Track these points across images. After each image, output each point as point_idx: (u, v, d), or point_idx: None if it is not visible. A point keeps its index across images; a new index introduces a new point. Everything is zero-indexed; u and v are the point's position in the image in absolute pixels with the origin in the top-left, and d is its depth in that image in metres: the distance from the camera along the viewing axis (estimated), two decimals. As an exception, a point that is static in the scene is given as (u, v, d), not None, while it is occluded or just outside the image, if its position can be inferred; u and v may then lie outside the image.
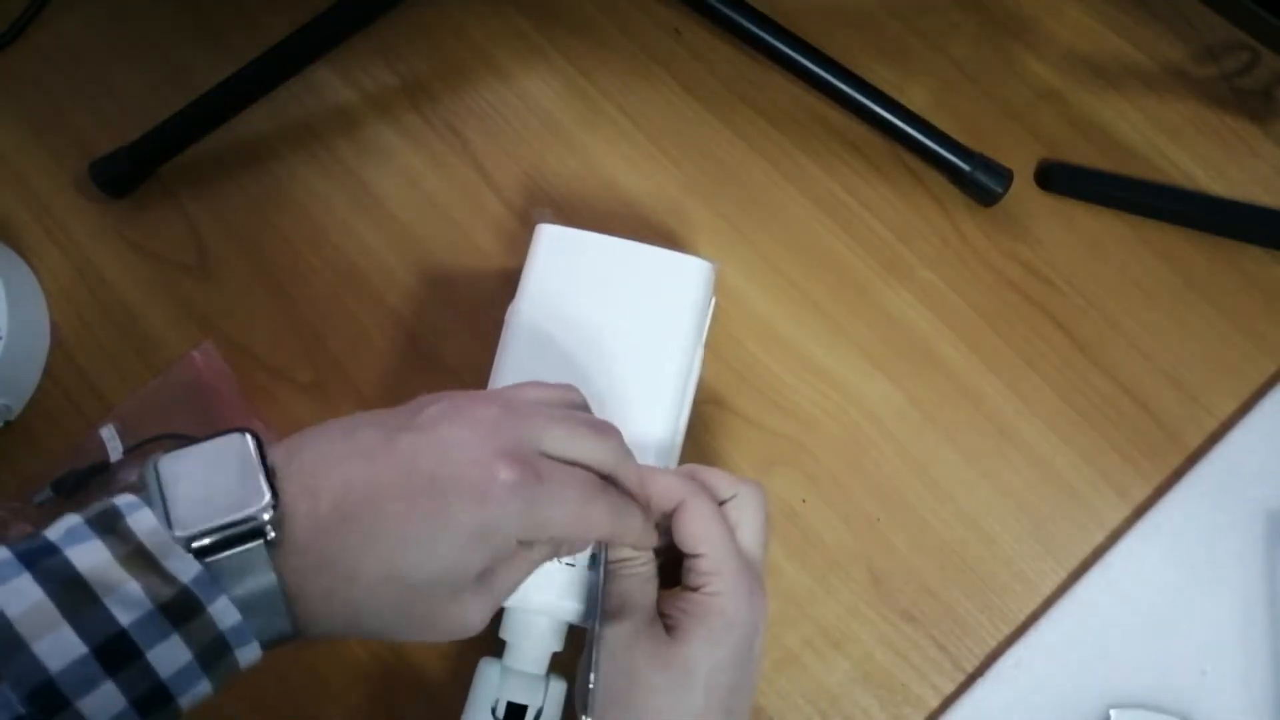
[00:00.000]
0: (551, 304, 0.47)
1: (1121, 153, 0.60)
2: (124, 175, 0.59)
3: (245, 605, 0.30)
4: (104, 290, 0.58)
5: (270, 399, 0.56)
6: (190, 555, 0.29)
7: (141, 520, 0.29)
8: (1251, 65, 0.61)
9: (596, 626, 0.37)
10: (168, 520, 0.29)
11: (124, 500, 0.30)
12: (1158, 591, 0.51)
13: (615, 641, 0.36)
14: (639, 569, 0.38)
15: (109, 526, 0.29)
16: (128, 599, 0.28)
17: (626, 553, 0.38)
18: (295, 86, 0.61)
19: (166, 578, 0.28)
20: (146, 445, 0.54)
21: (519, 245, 0.48)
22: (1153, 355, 0.56)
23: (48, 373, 0.57)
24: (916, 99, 0.59)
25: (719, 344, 0.56)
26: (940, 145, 0.57)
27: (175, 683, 0.29)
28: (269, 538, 0.30)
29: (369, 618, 0.32)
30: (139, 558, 0.29)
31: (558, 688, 0.45)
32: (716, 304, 0.52)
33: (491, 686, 0.44)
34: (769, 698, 0.50)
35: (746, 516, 0.39)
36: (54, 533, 0.29)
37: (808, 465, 0.54)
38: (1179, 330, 0.56)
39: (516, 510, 0.32)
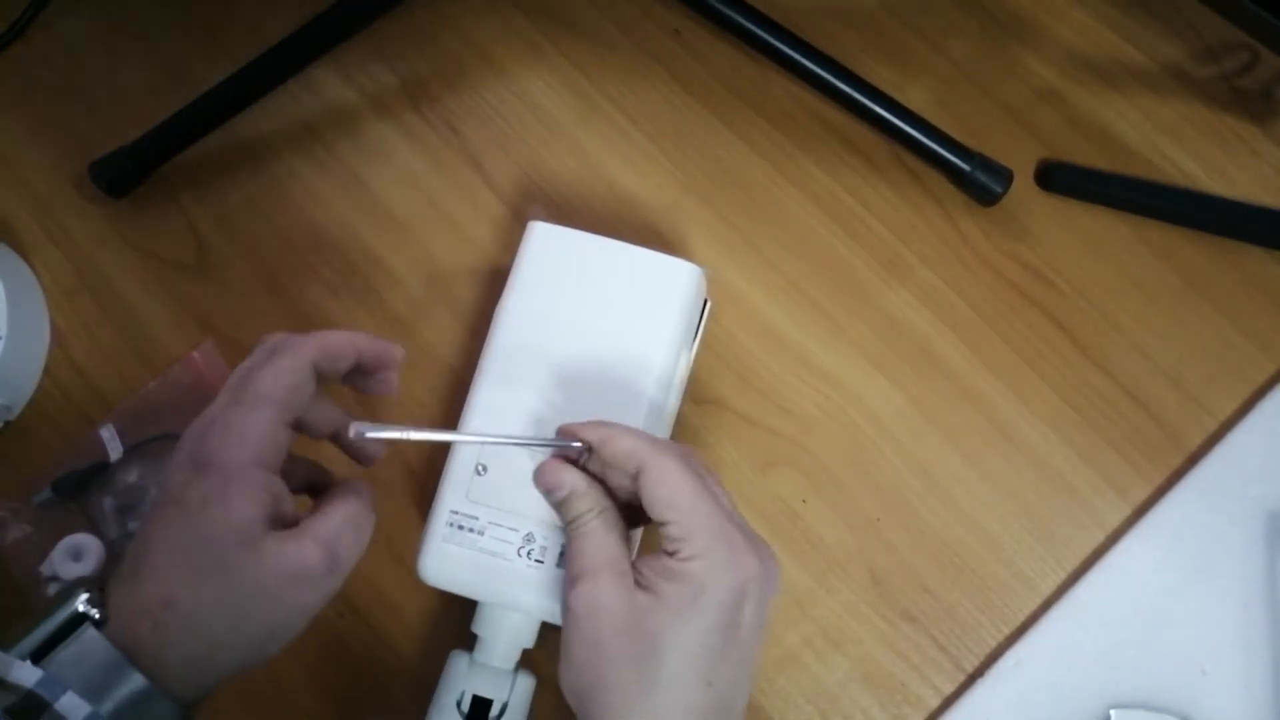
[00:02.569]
0: (539, 301, 0.47)
1: (1121, 153, 0.60)
2: (124, 175, 0.59)
3: (93, 688, 0.31)
4: (104, 290, 0.58)
5: (270, 399, 0.56)
6: (28, 663, 0.31)
7: None
8: (1251, 65, 0.61)
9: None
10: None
11: None
12: (1158, 591, 0.51)
13: (579, 607, 0.35)
14: (590, 523, 0.37)
15: None
16: None
17: (579, 508, 0.37)
18: (295, 86, 0.61)
19: (10, 688, 0.30)
20: (146, 445, 0.54)
21: (518, 241, 0.48)
22: (1153, 355, 0.56)
23: (48, 373, 0.57)
24: (916, 99, 0.59)
25: (719, 344, 0.56)
26: (940, 145, 0.57)
27: None
28: (94, 616, 0.32)
29: (209, 614, 0.33)
30: None
31: (525, 683, 0.46)
32: (712, 307, 0.52)
33: (459, 679, 0.45)
34: (769, 698, 0.50)
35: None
36: None
37: (808, 465, 0.54)
38: (1179, 330, 0.56)
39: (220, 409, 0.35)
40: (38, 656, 0.31)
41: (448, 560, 0.44)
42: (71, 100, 0.62)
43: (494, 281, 0.57)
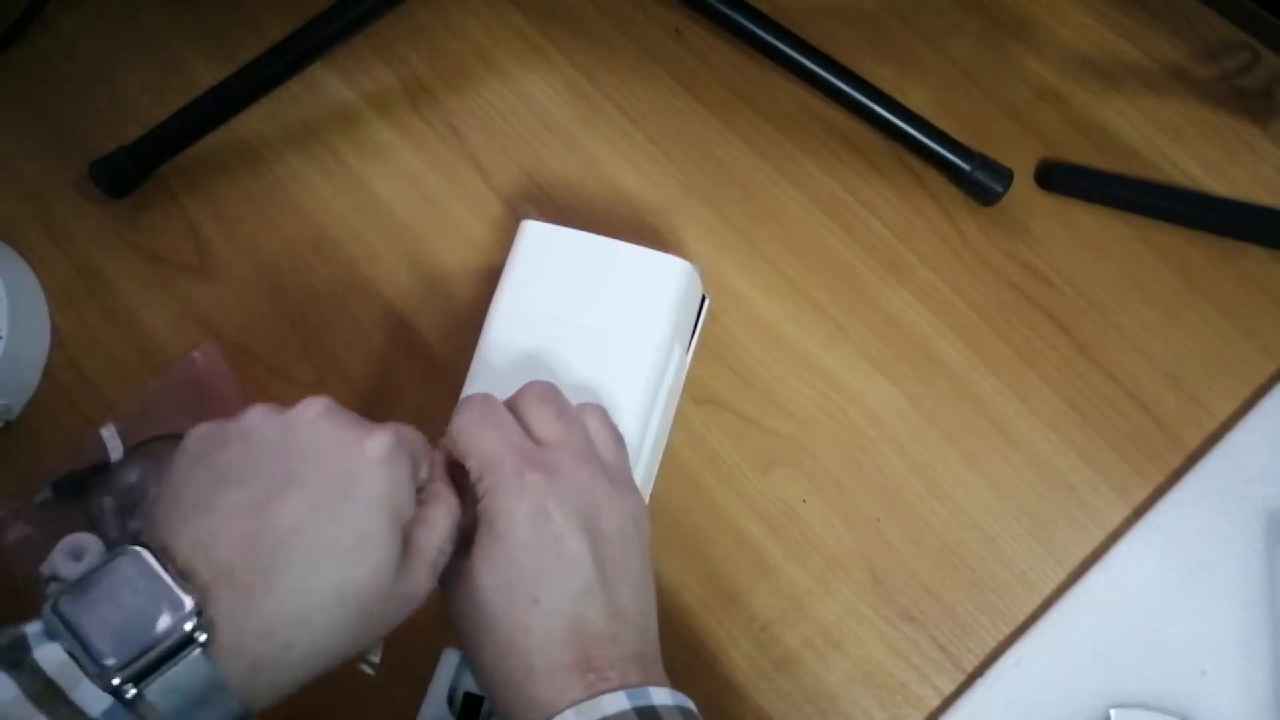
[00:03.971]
0: (532, 300, 0.47)
1: (1121, 153, 0.60)
2: (124, 175, 0.59)
3: (179, 715, 0.28)
4: (104, 290, 0.58)
5: (270, 399, 0.56)
6: (97, 688, 0.28)
7: (47, 654, 0.28)
8: (1251, 65, 0.61)
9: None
10: (89, 654, 0.28)
11: (32, 630, 0.29)
12: (1158, 591, 0.51)
13: (446, 586, 0.36)
14: (438, 519, 0.36)
15: (16, 661, 0.28)
16: None
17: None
18: (295, 86, 0.61)
19: (76, 711, 0.27)
20: (146, 445, 0.54)
21: (524, 215, 0.48)
22: (1153, 355, 0.56)
23: (48, 373, 0.57)
24: (916, 99, 0.59)
25: (719, 344, 0.56)
26: (940, 145, 0.57)
27: None
28: (200, 640, 0.29)
29: (323, 650, 0.32)
30: (49, 692, 0.27)
31: None
32: (711, 305, 0.52)
33: (451, 677, 0.45)
34: (769, 698, 0.50)
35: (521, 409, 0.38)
36: None
37: (808, 465, 0.54)
38: (1179, 330, 0.56)
39: (390, 466, 0.33)
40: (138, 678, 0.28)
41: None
42: (71, 100, 0.62)
43: (494, 281, 0.57)
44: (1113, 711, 0.49)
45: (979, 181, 0.57)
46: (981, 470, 0.54)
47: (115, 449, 0.54)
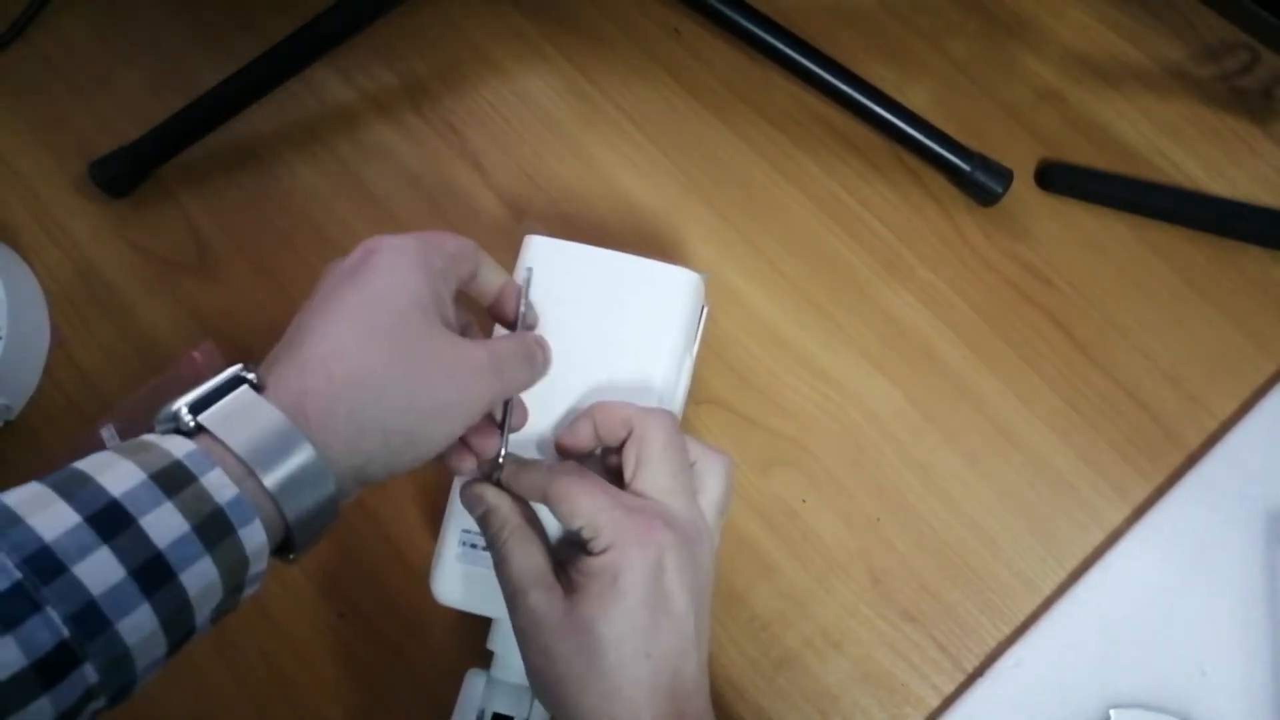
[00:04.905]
0: (540, 315, 0.46)
1: (1121, 153, 0.60)
2: (124, 175, 0.59)
3: (259, 458, 0.30)
4: (104, 290, 0.58)
5: (270, 399, 0.56)
6: (180, 437, 0.31)
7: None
8: (1251, 65, 0.61)
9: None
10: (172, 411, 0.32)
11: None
12: (1158, 591, 0.51)
13: (521, 624, 0.37)
14: (508, 542, 0.38)
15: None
16: (123, 474, 0.29)
17: (495, 524, 0.39)
18: (295, 86, 0.61)
19: (161, 453, 0.30)
20: (146, 445, 0.54)
21: (517, 244, 0.48)
22: (1153, 355, 0.56)
23: (48, 373, 0.57)
24: (916, 99, 0.59)
25: (719, 345, 0.56)
26: (940, 145, 0.57)
27: (173, 554, 0.28)
28: (251, 379, 0.32)
29: (402, 395, 0.34)
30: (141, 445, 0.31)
31: None
32: (709, 311, 0.52)
33: (478, 697, 0.45)
34: (769, 698, 0.50)
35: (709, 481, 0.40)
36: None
37: (808, 465, 0.54)
38: (1179, 330, 0.56)
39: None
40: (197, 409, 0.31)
41: (461, 579, 0.44)
42: (71, 100, 0.62)
43: (494, 281, 0.57)
44: (1113, 712, 0.49)
45: (979, 182, 0.57)
46: (981, 470, 0.54)
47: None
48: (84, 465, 0.30)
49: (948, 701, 0.50)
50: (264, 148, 0.61)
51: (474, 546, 0.44)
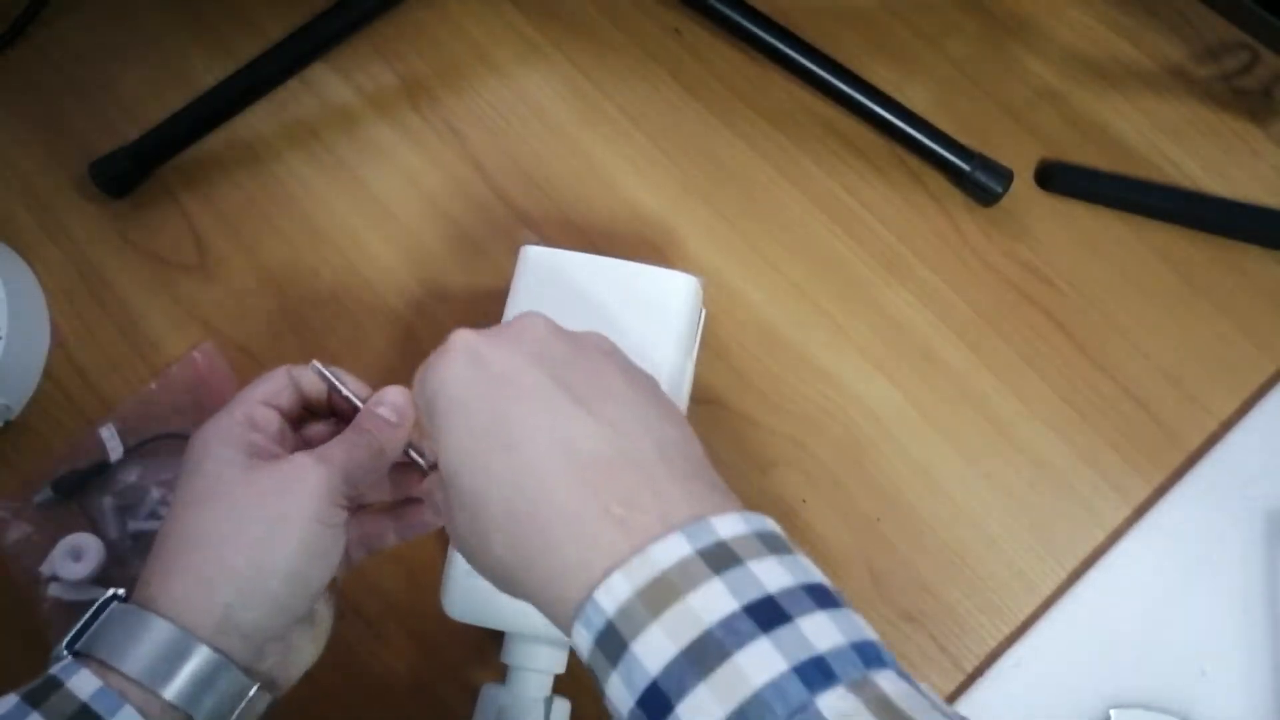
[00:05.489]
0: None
1: (1121, 153, 0.60)
2: (124, 175, 0.59)
3: (156, 674, 0.31)
4: (104, 290, 0.58)
5: (270, 399, 0.56)
6: (85, 671, 0.31)
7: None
8: (1251, 65, 0.61)
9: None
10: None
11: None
12: (1158, 591, 0.51)
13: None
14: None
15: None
16: None
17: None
18: (295, 86, 0.61)
19: (66, 697, 0.30)
20: (146, 445, 0.54)
21: (517, 244, 0.48)
22: (1153, 355, 0.56)
23: (48, 373, 0.57)
24: (916, 99, 0.59)
25: (719, 344, 0.56)
26: (940, 145, 0.57)
27: None
28: (120, 594, 0.33)
29: (247, 565, 0.33)
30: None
31: (561, 708, 0.45)
32: (708, 314, 0.52)
33: (494, 712, 0.44)
34: (769, 698, 0.50)
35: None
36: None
37: (808, 465, 0.54)
38: (1179, 330, 0.56)
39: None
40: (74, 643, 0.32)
41: (471, 595, 0.44)
42: (71, 100, 0.62)
43: (494, 280, 0.57)
44: (1112, 712, 0.49)
45: (979, 181, 0.57)
46: (981, 470, 0.54)
47: (115, 449, 0.54)
48: None
49: (947, 701, 0.50)
50: (264, 148, 0.61)
51: None
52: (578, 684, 0.47)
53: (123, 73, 0.63)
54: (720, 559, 0.27)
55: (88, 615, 0.33)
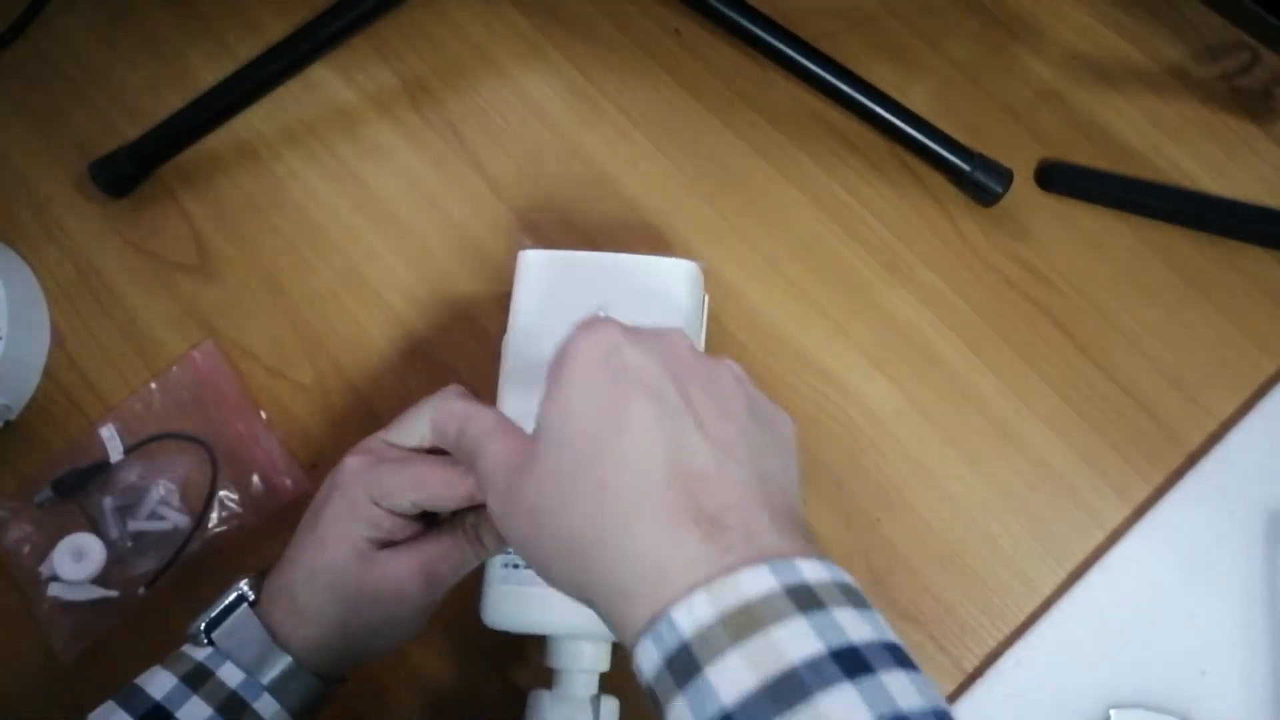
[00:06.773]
0: (543, 330, 0.46)
1: (1121, 153, 0.60)
2: (124, 175, 0.59)
3: (253, 666, 0.39)
4: (104, 290, 0.58)
5: (270, 399, 0.56)
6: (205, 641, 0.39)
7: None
8: (1251, 65, 0.61)
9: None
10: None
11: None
12: (1158, 591, 0.51)
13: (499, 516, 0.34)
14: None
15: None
16: (159, 681, 0.38)
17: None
18: (295, 86, 0.61)
19: (185, 660, 0.39)
20: (146, 445, 0.54)
21: (518, 244, 0.48)
22: (1153, 355, 0.56)
23: (48, 373, 0.57)
24: (916, 99, 0.59)
25: (719, 344, 0.56)
26: (940, 145, 0.57)
27: None
28: (249, 597, 0.40)
29: (337, 625, 0.41)
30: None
31: (610, 706, 0.45)
32: (711, 302, 0.52)
33: (543, 716, 0.44)
34: (769, 698, 0.50)
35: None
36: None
37: (808, 465, 0.54)
38: (1179, 330, 0.56)
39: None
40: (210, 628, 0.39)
41: (509, 602, 0.44)
42: (71, 100, 0.62)
43: (494, 281, 0.57)
44: (1112, 712, 0.49)
45: (979, 182, 0.57)
46: (981, 470, 0.54)
47: (115, 449, 0.54)
48: (139, 680, 0.38)
49: (947, 701, 0.50)
50: (264, 148, 0.61)
51: (516, 567, 0.44)
52: (627, 678, 0.46)
53: (123, 73, 0.63)
54: (805, 600, 0.26)
55: (222, 608, 0.40)
